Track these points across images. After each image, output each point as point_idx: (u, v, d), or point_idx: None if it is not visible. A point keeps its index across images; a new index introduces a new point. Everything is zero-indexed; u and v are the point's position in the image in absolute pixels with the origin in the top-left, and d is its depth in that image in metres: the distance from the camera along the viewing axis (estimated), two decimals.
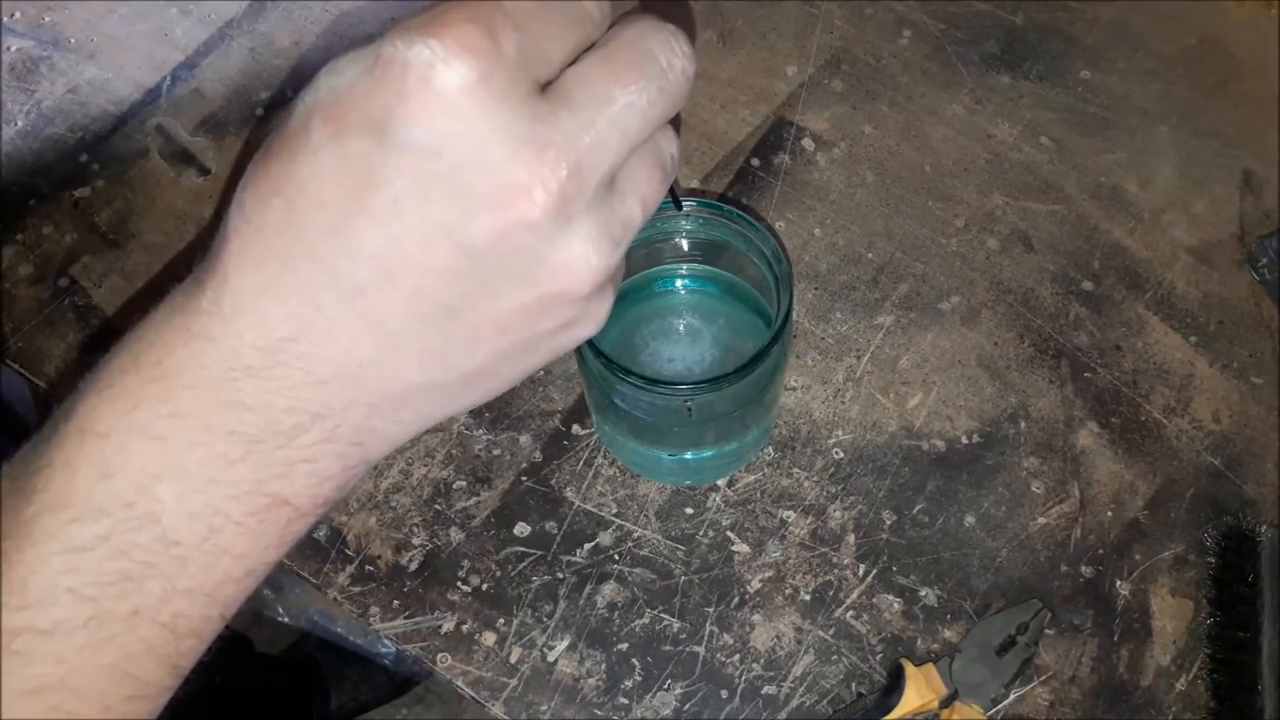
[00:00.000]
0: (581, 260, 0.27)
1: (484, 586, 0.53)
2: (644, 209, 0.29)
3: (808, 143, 0.64)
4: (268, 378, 0.26)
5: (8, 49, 0.65)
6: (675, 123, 0.29)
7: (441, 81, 0.24)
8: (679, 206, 0.42)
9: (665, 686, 0.52)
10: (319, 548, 0.54)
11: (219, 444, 0.27)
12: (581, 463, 0.56)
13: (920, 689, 0.50)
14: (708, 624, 0.53)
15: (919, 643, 0.53)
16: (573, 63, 0.27)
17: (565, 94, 0.26)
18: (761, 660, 0.52)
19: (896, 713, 0.50)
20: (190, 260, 0.60)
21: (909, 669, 0.51)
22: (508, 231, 0.25)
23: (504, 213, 0.25)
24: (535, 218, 0.25)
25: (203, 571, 0.28)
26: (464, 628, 0.52)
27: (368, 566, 0.53)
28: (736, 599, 0.53)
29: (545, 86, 0.26)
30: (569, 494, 0.55)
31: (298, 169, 0.25)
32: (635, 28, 0.27)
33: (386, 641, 0.52)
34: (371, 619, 0.52)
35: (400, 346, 0.27)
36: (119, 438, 0.27)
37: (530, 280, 0.27)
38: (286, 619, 1.05)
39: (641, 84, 0.27)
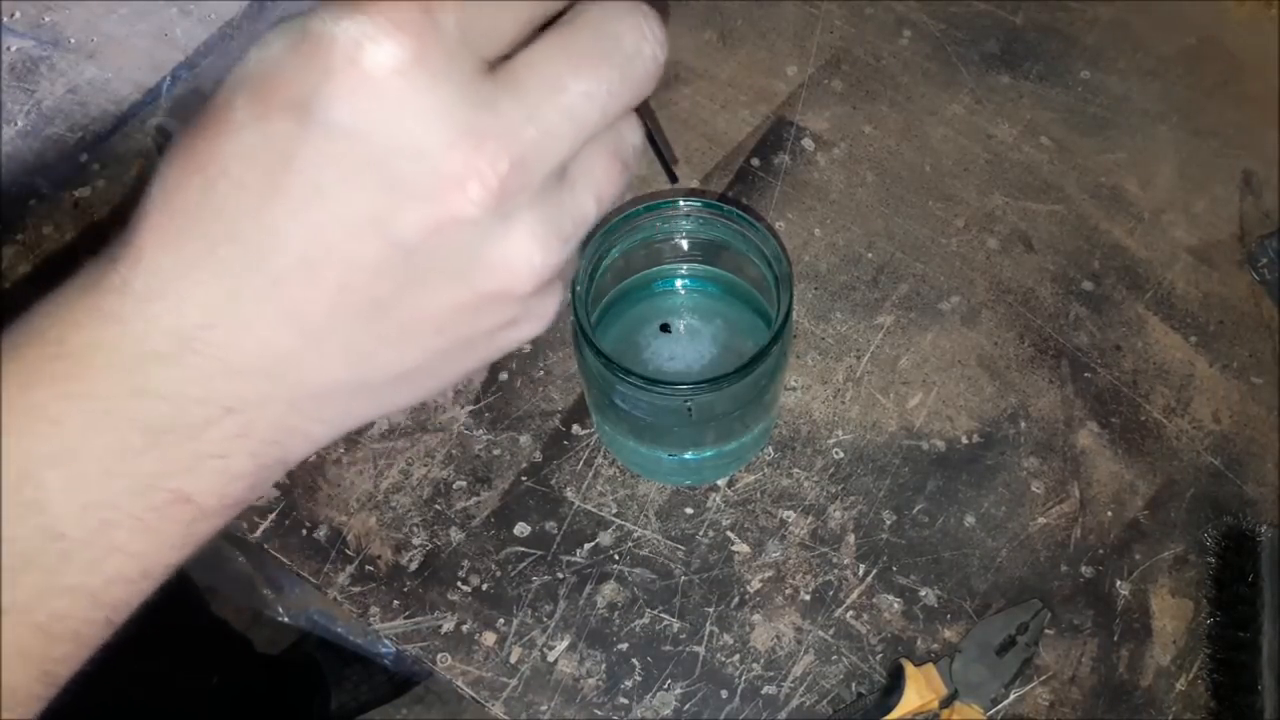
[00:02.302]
0: (523, 258, 0.25)
1: (484, 586, 0.53)
2: (599, 203, 0.27)
3: (808, 143, 0.64)
4: (179, 365, 0.24)
5: (8, 49, 0.65)
6: (645, 108, 0.27)
7: (370, 60, 0.22)
8: (673, 179, 0.37)
9: (665, 686, 0.52)
10: (319, 548, 0.54)
11: (120, 431, 0.24)
12: (581, 463, 0.56)
13: (920, 689, 0.50)
14: (708, 624, 0.53)
15: (919, 643, 0.53)
16: (532, 39, 0.24)
17: (514, 78, 0.24)
18: (761, 660, 0.52)
19: (896, 713, 0.50)
20: None
21: (909, 669, 0.51)
22: (440, 226, 0.23)
23: (437, 206, 0.23)
24: (471, 213, 0.23)
25: (89, 569, 0.25)
26: (464, 628, 0.52)
27: (368, 566, 0.53)
28: (736, 599, 0.53)
29: (495, 66, 0.24)
30: (569, 494, 0.55)
31: (219, 146, 0.23)
32: (602, 5, 0.25)
33: (386, 641, 0.52)
34: (371, 619, 0.52)
35: (323, 342, 0.25)
36: (8, 417, 0.24)
37: (466, 278, 0.25)
38: (286, 619, 1.05)
39: (602, 71, 0.24)
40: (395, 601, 0.53)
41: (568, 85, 0.24)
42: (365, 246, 0.23)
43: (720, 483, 0.55)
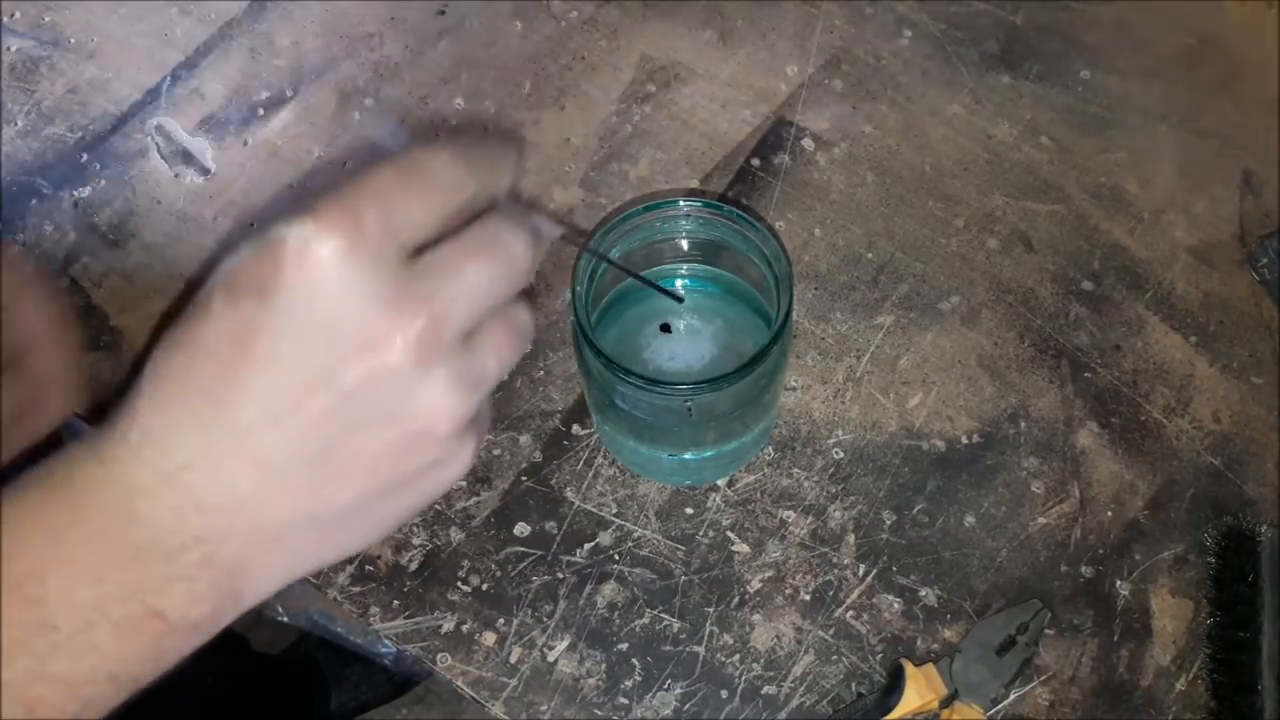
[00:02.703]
0: (441, 402, 0.31)
1: (484, 586, 0.53)
2: (498, 364, 0.33)
3: (808, 143, 0.64)
4: (160, 499, 0.30)
5: (8, 49, 0.65)
6: (530, 292, 0.35)
7: (314, 252, 0.29)
8: (679, 299, 0.49)
9: (665, 686, 0.52)
10: None
11: (111, 547, 0.30)
12: (581, 463, 0.56)
13: (920, 689, 0.50)
14: (708, 624, 0.53)
15: (919, 643, 0.53)
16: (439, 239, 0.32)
17: (425, 264, 0.31)
18: (761, 660, 0.52)
19: (896, 713, 0.50)
20: (190, 262, 0.60)
21: (909, 669, 0.51)
22: (374, 373, 0.29)
23: (370, 357, 0.29)
24: (396, 361, 0.30)
25: (71, 662, 0.30)
26: (464, 628, 0.52)
27: (368, 566, 0.53)
28: (736, 599, 0.53)
29: (412, 257, 0.31)
30: (569, 494, 0.55)
31: (198, 330, 0.30)
32: (490, 217, 0.33)
33: (386, 641, 0.52)
34: (371, 619, 0.52)
35: (280, 482, 0.30)
36: (20, 532, 0.30)
37: (395, 420, 0.31)
38: (286, 619, 1.05)
39: (489, 261, 0.32)
40: (395, 601, 0.53)
41: (464, 268, 0.31)
42: (316, 398, 0.29)
43: (720, 483, 0.55)
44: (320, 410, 0.30)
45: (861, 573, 0.54)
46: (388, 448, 0.31)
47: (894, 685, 0.51)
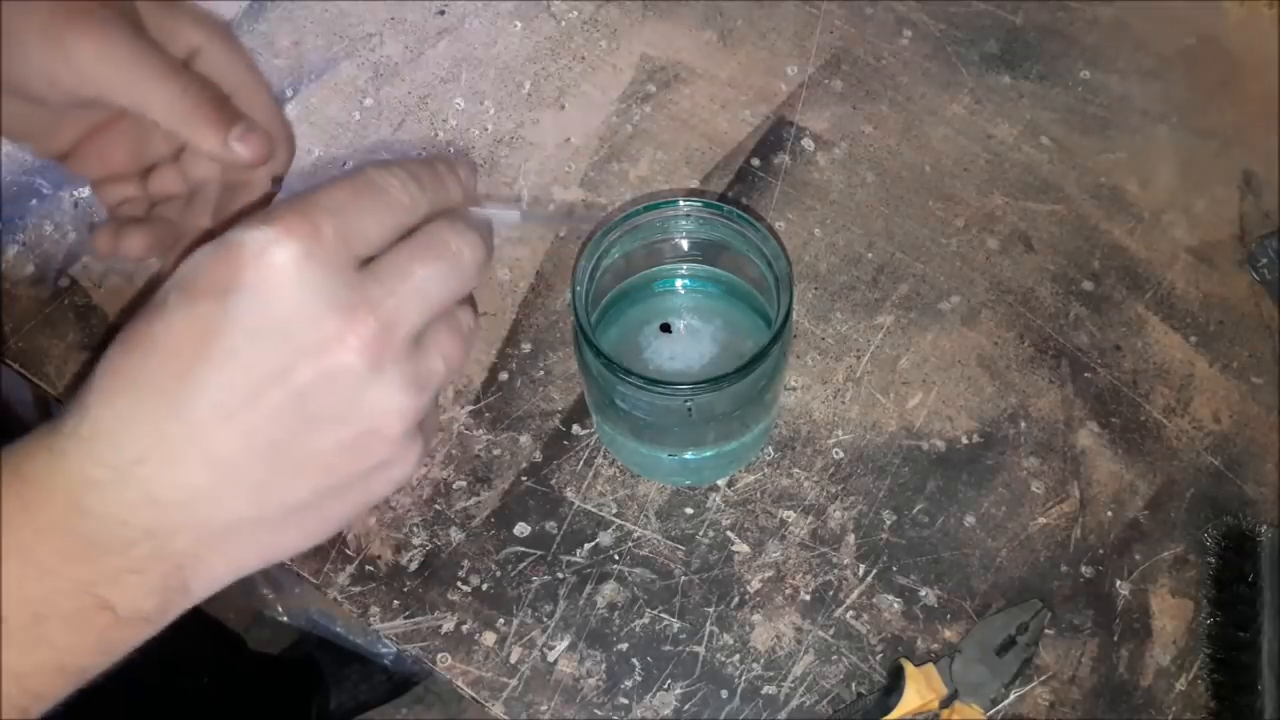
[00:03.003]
0: (393, 400, 0.32)
1: (484, 586, 0.53)
2: (446, 365, 0.34)
3: (808, 143, 0.64)
4: (111, 492, 0.30)
5: None
6: (472, 300, 0.37)
7: (273, 256, 0.30)
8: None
9: (665, 686, 0.52)
10: (319, 547, 0.54)
11: (62, 540, 0.30)
12: (581, 463, 0.56)
13: (920, 689, 0.50)
14: (708, 624, 0.53)
15: (919, 643, 0.53)
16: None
17: (376, 269, 0.32)
18: (761, 660, 0.52)
19: (896, 713, 0.50)
20: None
21: (909, 669, 0.51)
22: (328, 374, 0.30)
23: (324, 358, 0.30)
24: (350, 362, 0.31)
25: (20, 655, 0.30)
26: (464, 628, 0.52)
27: (368, 566, 0.53)
28: (736, 599, 0.53)
29: (365, 263, 0.32)
30: (569, 494, 0.55)
31: (154, 327, 0.30)
32: (436, 223, 0.34)
33: (386, 641, 0.52)
34: (371, 619, 0.52)
35: (232, 478, 0.31)
36: None
37: (348, 419, 0.31)
38: (286, 619, 1.05)
39: (437, 264, 0.33)
40: (395, 601, 0.53)
41: (413, 272, 0.32)
42: (269, 395, 0.30)
43: (720, 483, 0.55)
44: (273, 408, 0.30)
45: (861, 573, 0.54)
46: (339, 446, 0.32)
47: (894, 685, 0.51)
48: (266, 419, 0.30)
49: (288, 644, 1.11)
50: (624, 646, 0.52)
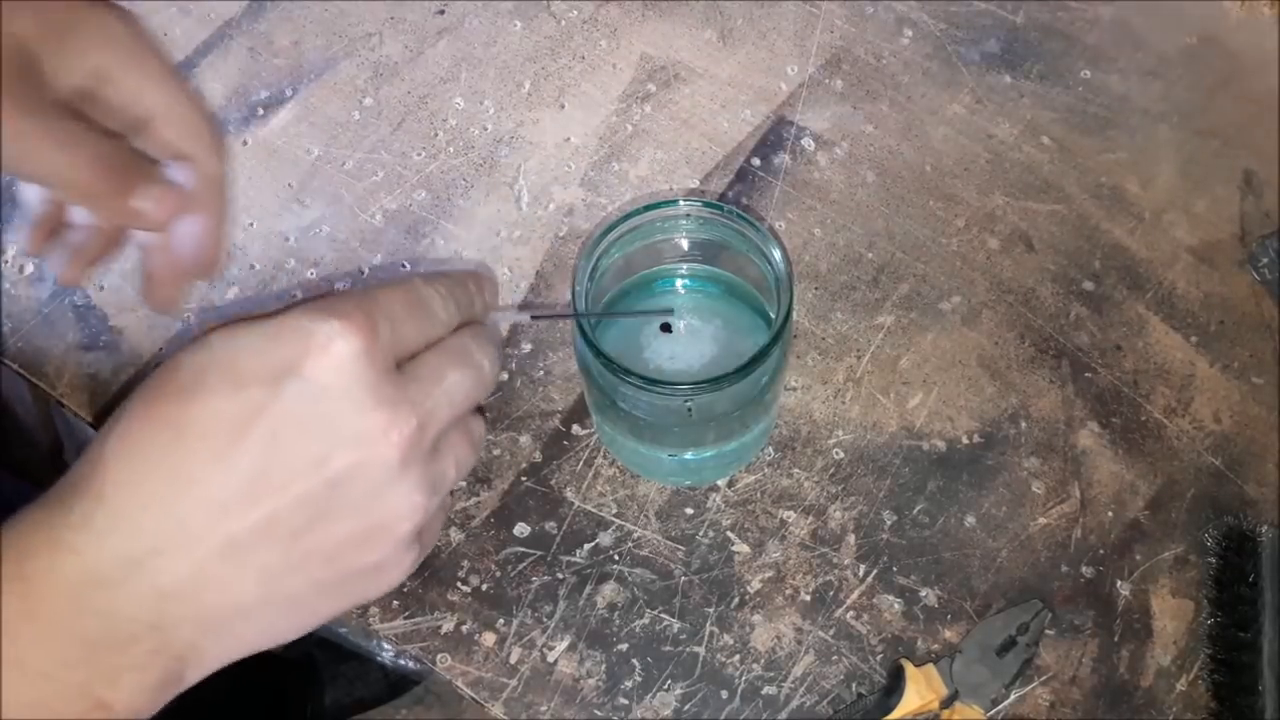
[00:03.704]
0: (410, 499, 0.33)
1: (484, 587, 0.53)
2: (457, 470, 0.35)
3: (808, 142, 0.63)
4: (121, 589, 0.29)
5: None
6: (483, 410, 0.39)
7: (337, 348, 0.30)
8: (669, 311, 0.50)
9: (665, 687, 0.52)
10: None
11: (63, 645, 0.29)
12: (581, 463, 0.56)
13: (920, 689, 0.50)
14: (708, 624, 0.53)
15: (919, 643, 0.53)
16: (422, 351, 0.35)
17: (414, 372, 0.33)
18: (761, 660, 0.52)
19: (896, 713, 0.50)
20: None
21: (909, 669, 0.51)
22: (364, 465, 0.31)
23: (365, 449, 0.31)
24: (389, 456, 0.31)
25: None
26: (464, 628, 0.52)
27: None
28: (736, 599, 0.53)
29: (402, 364, 0.33)
30: (569, 494, 0.55)
31: (191, 409, 0.30)
32: (463, 333, 0.36)
33: (385, 644, 0.52)
34: (371, 619, 0.52)
35: (244, 564, 0.31)
36: None
37: (366, 511, 0.32)
38: None
39: (465, 370, 0.35)
40: (395, 601, 0.53)
41: (446, 376, 0.34)
42: (301, 482, 0.30)
43: (720, 483, 0.55)
44: (302, 494, 0.31)
45: (862, 573, 0.54)
46: (348, 539, 0.32)
47: (894, 686, 0.51)
48: (293, 505, 0.30)
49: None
50: (624, 647, 0.52)
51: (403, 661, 0.97)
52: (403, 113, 0.64)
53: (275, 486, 0.30)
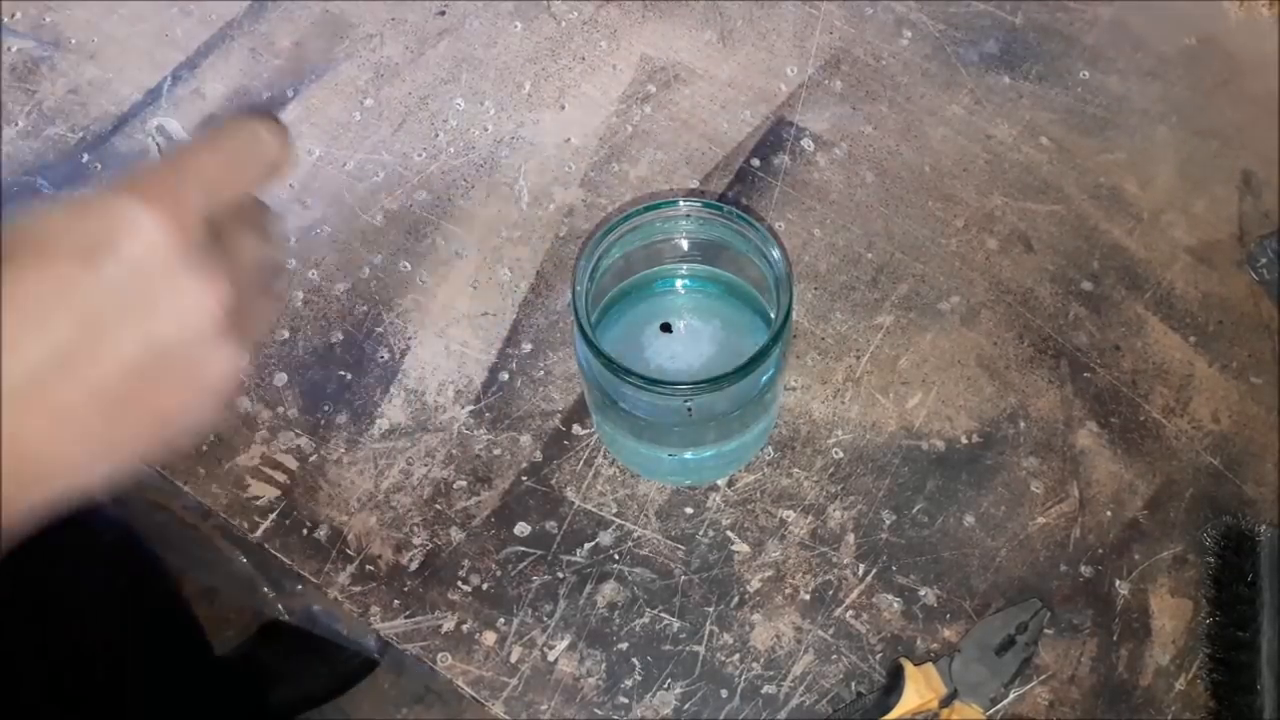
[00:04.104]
0: (230, 361, 0.33)
1: (484, 586, 0.53)
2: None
3: (808, 143, 0.64)
4: None
5: (8, 49, 0.65)
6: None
7: (145, 222, 0.31)
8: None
9: (665, 686, 0.52)
10: (319, 547, 0.54)
11: None
12: (581, 463, 0.56)
13: (920, 688, 0.50)
14: (708, 624, 0.53)
15: (919, 642, 0.53)
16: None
17: (224, 230, 0.34)
18: (761, 660, 0.52)
19: (896, 712, 0.50)
20: None
21: (909, 668, 0.51)
22: (181, 331, 0.32)
23: (181, 318, 0.32)
24: (204, 322, 0.32)
25: None
26: (464, 627, 0.52)
27: (368, 566, 0.53)
28: (736, 599, 0.53)
29: (210, 222, 0.34)
30: (569, 494, 0.55)
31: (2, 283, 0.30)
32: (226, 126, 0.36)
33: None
34: (372, 619, 0.52)
35: (62, 425, 0.31)
36: None
37: (185, 376, 0.33)
38: (287, 617, 1.05)
39: (262, 225, 0.36)
40: (395, 601, 0.53)
41: (248, 237, 0.35)
42: (119, 353, 0.31)
43: (720, 483, 0.56)
44: (119, 366, 0.31)
45: (861, 572, 0.54)
46: (170, 401, 0.33)
47: (894, 685, 0.51)
48: (110, 375, 0.31)
49: (233, 645, 1.10)
50: (624, 646, 0.52)
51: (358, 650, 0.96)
52: (403, 113, 0.64)
53: (91, 359, 0.31)
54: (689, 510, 0.55)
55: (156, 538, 0.79)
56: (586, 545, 0.54)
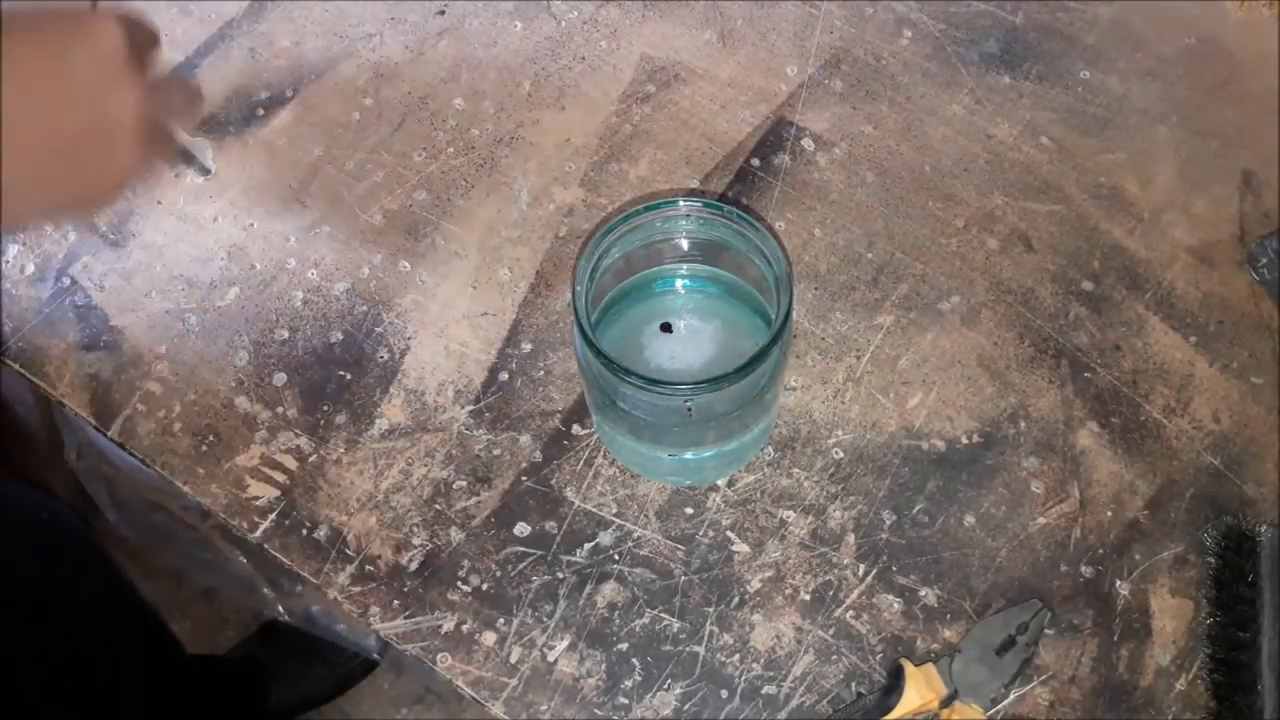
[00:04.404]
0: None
1: (484, 586, 0.53)
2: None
3: (808, 143, 0.64)
4: None
5: None
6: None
7: (99, 29, 0.39)
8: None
9: (665, 686, 0.52)
10: (319, 547, 0.54)
11: None
12: (581, 463, 0.56)
13: (920, 689, 0.50)
14: (708, 624, 0.53)
15: (919, 643, 0.53)
16: None
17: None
18: (761, 660, 0.52)
19: (896, 712, 0.50)
20: (190, 262, 0.60)
21: (909, 669, 0.51)
22: (101, 121, 0.39)
23: (104, 107, 0.39)
24: (127, 118, 0.40)
25: None
26: (464, 628, 0.52)
27: (368, 566, 0.53)
28: (736, 599, 0.53)
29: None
30: (569, 494, 0.55)
31: None
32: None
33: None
34: (372, 619, 0.52)
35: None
36: None
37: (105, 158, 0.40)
38: (286, 617, 1.05)
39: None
40: (395, 601, 0.53)
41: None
42: (52, 126, 0.38)
43: (720, 483, 0.55)
44: (50, 137, 0.38)
45: (861, 573, 0.54)
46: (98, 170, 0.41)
47: (894, 685, 0.51)
48: (40, 144, 0.37)
49: (232, 644, 1.11)
50: (624, 646, 0.52)
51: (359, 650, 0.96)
52: (403, 113, 0.64)
53: (24, 128, 0.37)
54: (689, 510, 0.55)
55: (157, 538, 0.79)
56: (586, 545, 0.54)
